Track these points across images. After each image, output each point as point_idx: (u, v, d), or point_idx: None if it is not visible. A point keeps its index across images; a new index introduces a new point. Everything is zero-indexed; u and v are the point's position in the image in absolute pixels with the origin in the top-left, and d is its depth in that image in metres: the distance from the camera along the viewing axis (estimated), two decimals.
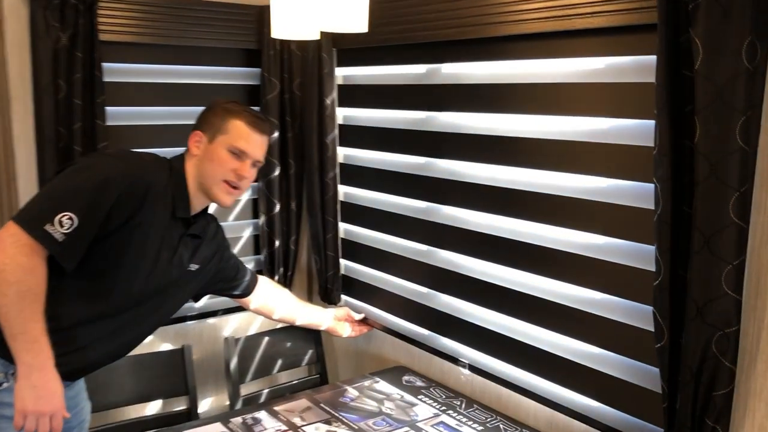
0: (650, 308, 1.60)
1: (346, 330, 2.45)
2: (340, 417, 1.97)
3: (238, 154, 1.77)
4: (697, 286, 1.39)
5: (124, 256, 1.68)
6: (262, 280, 2.24)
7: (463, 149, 2.07)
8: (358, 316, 2.50)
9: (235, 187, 1.79)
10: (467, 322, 2.13)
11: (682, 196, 1.43)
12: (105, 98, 2.16)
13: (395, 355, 2.44)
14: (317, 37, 1.73)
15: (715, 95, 1.30)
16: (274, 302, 2.28)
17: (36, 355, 1.48)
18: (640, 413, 1.68)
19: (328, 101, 2.43)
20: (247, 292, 2.18)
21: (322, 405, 2.06)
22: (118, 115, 2.27)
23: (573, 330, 1.82)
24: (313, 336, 2.58)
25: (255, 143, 1.79)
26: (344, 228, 2.61)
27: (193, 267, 1.87)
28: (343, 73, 2.50)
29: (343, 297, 2.65)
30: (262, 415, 2.00)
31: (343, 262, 2.63)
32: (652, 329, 1.57)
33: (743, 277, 1.36)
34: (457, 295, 2.17)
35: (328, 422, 1.95)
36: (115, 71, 2.25)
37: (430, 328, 2.29)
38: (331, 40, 2.40)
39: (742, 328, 1.40)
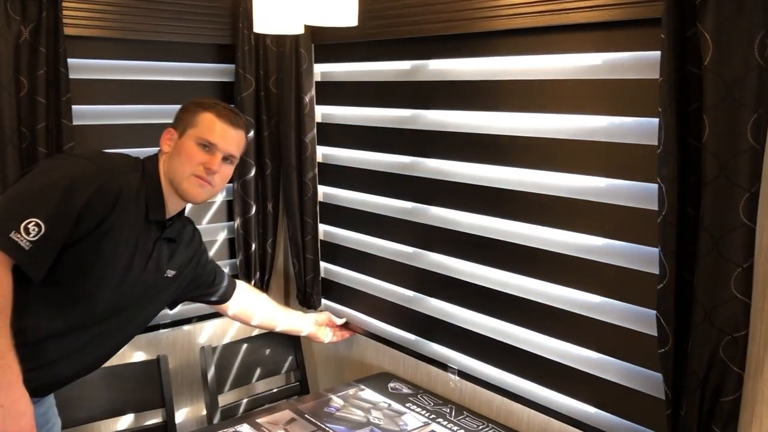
0: (649, 311, 1.57)
1: (327, 335, 2.37)
2: (327, 428, 1.89)
3: (208, 146, 1.67)
4: (705, 289, 1.35)
5: (96, 264, 1.58)
6: (240, 285, 2.15)
7: (451, 148, 2.00)
8: (340, 321, 2.42)
9: (204, 181, 1.67)
10: (456, 326, 2.06)
11: (687, 197, 1.39)
12: (71, 96, 2.03)
13: (379, 360, 2.36)
14: (301, 31, 1.65)
15: (726, 92, 1.25)
16: (253, 308, 2.19)
17: (3, 372, 1.37)
18: (641, 420, 1.64)
19: (306, 99, 2.34)
20: (225, 298, 2.08)
21: (306, 416, 1.97)
22: (84, 113, 2.14)
23: (568, 334, 1.77)
24: (292, 342, 2.49)
25: (226, 136, 1.69)
26: (324, 230, 2.52)
27: (170, 273, 1.77)
28: (321, 70, 2.41)
29: (324, 301, 2.57)
30: (244, 428, 1.90)
31: (323, 264, 2.54)
32: (652, 333, 1.53)
33: (752, 279, 1.32)
34: (445, 298, 2.10)
35: None
36: (81, 68, 2.12)
37: (416, 333, 2.22)
38: (310, 35, 2.31)
39: (750, 332, 1.36)
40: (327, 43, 2.33)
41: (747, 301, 1.32)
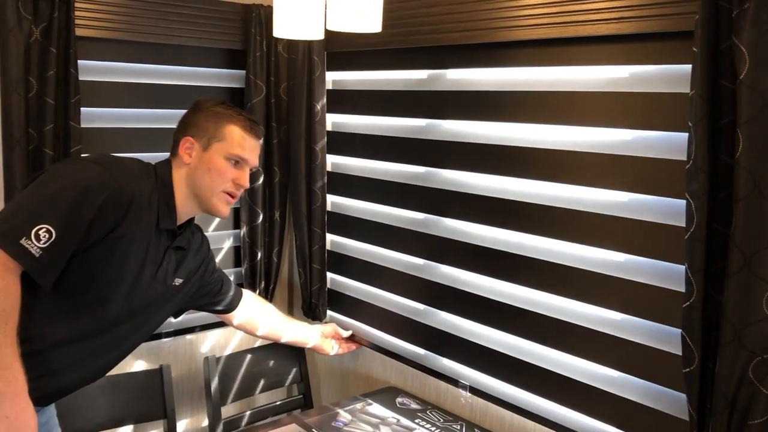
0: (673, 330, 1.54)
1: (333, 348, 2.33)
2: None
3: (238, 161, 1.66)
4: (735, 308, 1.31)
5: (105, 272, 1.54)
6: (246, 294, 2.10)
7: (466, 159, 1.97)
8: (346, 333, 2.38)
9: (233, 197, 1.68)
10: (466, 340, 2.02)
11: (716, 213, 1.36)
12: (80, 98, 1.99)
13: (385, 374, 2.32)
14: (321, 36, 1.61)
15: (762, 106, 1.22)
16: (259, 318, 2.15)
17: (8, 382, 1.32)
18: None
19: (317, 106, 2.31)
20: (231, 307, 2.04)
21: (314, 430, 1.92)
22: (93, 116, 2.10)
23: (586, 350, 1.73)
24: (296, 354, 2.44)
25: (252, 149, 1.69)
26: (331, 239, 2.48)
27: (177, 282, 1.74)
28: (333, 78, 2.38)
29: (329, 312, 2.52)
30: None
31: (329, 275, 2.50)
32: (675, 352, 1.50)
33: None
34: (456, 312, 2.06)
35: None
36: (91, 69, 2.08)
37: (425, 347, 2.17)
38: (324, 41, 2.28)
39: None
40: (340, 50, 2.30)
41: None
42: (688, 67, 1.33)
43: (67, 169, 1.53)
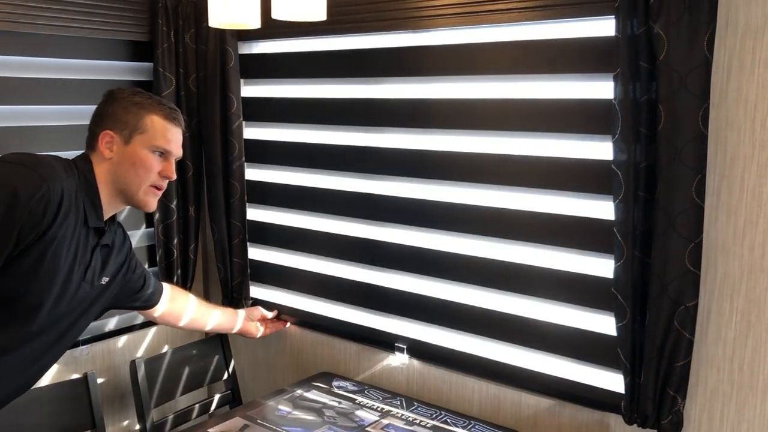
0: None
1: (259, 330, 2.32)
2: (285, 431, 1.86)
3: (162, 153, 1.60)
4: (662, 264, 1.48)
5: (37, 278, 1.45)
6: (166, 287, 2.04)
7: (385, 119, 2.06)
8: (271, 314, 2.37)
9: (160, 189, 1.63)
10: (400, 293, 2.10)
11: (638, 182, 1.51)
12: None
13: (316, 359, 2.34)
14: (258, 25, 1.61)
15: (680, 84, 1.39)
16: (180, 309, 2.09)
17: None
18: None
19: (233, 97, 2.28)
20: (154, 302, 1.97)
21: (259, 421, 1.92)
22: None
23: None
24: (221, 350, 2.41)
25: (176, 139, 1.64)
26: (250, 212, 2.46)
27: (104, 280, 1.67)
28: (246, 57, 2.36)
29: (253, 289, 2.49)
30: None
31: (251, 250, 2.47)
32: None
33: (702, 253, 1.47)
34: (389, 266, 2.13)
35: None
36: None
37: (358, 305, 2.22)
38: (236, 32, 2.25)
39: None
40: (252, 53, 2.29)
41: (698, 273, 1.47)
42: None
43: None
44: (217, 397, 2.36)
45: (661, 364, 1.53)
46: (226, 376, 2.41)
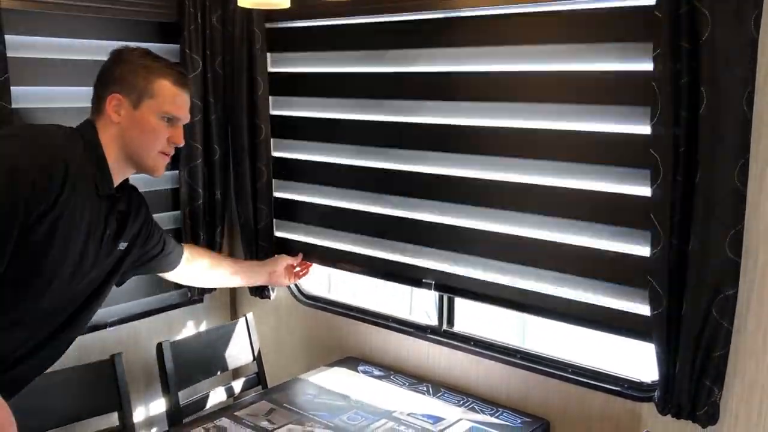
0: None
1: (288, 279, 2.28)
2: (311, 416, 1.85)
3: (171, 119, 1.58)
4: (701, 252, 1.43)
5: (51, 251, 1.42)
6: (190, 247, 2.02)
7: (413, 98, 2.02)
8: (297, 260, 2.30)
9: (167, 155, 1.62)
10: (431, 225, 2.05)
11: (677, 167, 1.47)
12: (9, 76, 1.84)
13: (341, 345, 2.33)
14: (288, 4, 1.58)
15: (724, 65, 1.34)
16: (210, 267, 2.06)
17: None
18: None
19: (260, 79, 2.26)
20: (175, 264, 1.93)
21: (285, 405, 1.92)
22: (25, 95, 1.95)
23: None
24: (246, 333, 2.40)
25: (185, 105, 1.61)
26: (279, 192, 2.44)
27: (122, 245, 1.65)
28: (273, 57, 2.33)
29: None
30: (224, 422, 1.83)
31: (277, 234, 2.45)
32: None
33: (742, 241, 1.42)
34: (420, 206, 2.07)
35: (300, 423, 1.82)
36: (21, 45, 1.93)
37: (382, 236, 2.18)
38: (263, 15, 2.23)
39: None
40: (280, 27, 2.26)
41: (738, 261, 1.42)
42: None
43: None
44: (242, 380, 2.36)
45: (698, 354, 1.49)
46: (251, 359, 2.41)
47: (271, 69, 2.32)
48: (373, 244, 2.20)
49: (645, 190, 1.53)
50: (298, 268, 2.30)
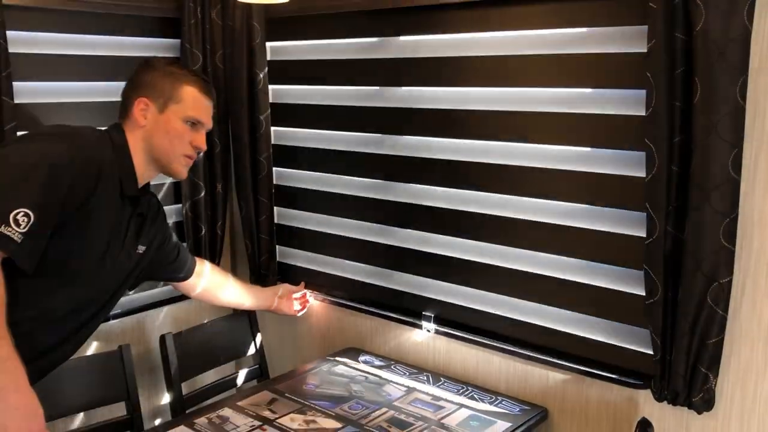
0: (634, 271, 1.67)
1: (296, 306, 2.33)
2: (313, 405, 1.87)
3: (195, 123, 1.65)
4: (696, 240, 1.45)
5: (81, 245, 1.51)
6: (202, 263, 2.08)
7: (415, 124, 2.04)
8: (300, 290, 2.37)
9: (191, 158, 1.69)
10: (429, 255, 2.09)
11: (672, 156, 1.48)
12: (11, 71, 1.86)
13: (342, 335, 2.36)
14: None
15: (718, 55, 1.35)
16: (221, 286, 2.14)
17: (10, 374, 1.26)
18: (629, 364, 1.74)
19: (260, 74, 2.28)
20: (189, 274, 2.01)
21: (287, 395, 1.94)
22: (27, 91, 1.97)
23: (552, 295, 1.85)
24: (248, 325, 2.42)
25: (208, 111, 1.70)
26: (278, 212, 2.47)
27: (141, 249, 1.72)
28: (273, 44, 2.35)
29: (281, 265, 2.51)
30: (227, 412, 1.85)
31: (277, 248, 2.49)
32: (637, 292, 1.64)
33: (737, 229, 1.44)
34: (419, 228, 2.11)
35: (301, 412, 1.84)
36: (23, 41, 1.95)
37: (385, 268, 2.22)
38: (263, 8, 2.24)
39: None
40: (280, 16, 2.27)
41: (732, 249, 1.44)
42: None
43: (30, 148, 1.45)
44: (244, 371, 2.38)
45: (693, 341, 1.52)
46: (253, 350, 2.43)
47: (270, 58, 2.34)
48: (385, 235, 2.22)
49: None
50: (298, 306, 2.35)
